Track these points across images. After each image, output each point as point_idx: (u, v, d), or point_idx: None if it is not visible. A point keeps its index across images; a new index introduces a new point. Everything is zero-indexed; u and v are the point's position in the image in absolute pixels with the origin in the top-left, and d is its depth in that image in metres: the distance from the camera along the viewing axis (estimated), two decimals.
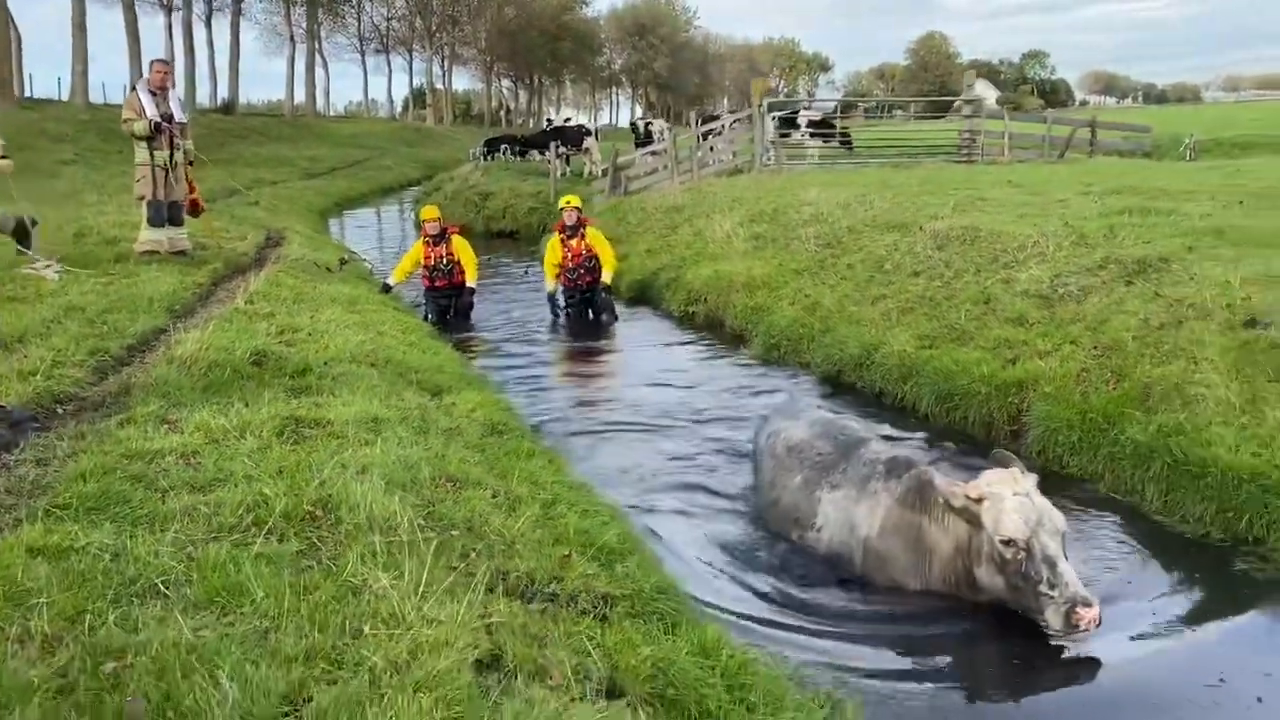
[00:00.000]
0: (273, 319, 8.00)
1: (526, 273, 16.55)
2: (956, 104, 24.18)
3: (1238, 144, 27.30)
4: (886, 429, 6.41)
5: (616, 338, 11.06)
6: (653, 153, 23.64)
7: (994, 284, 8.11)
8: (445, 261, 11.72)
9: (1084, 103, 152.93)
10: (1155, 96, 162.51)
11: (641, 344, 10.69)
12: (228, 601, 3.20)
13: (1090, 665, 4.00)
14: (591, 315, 11.62)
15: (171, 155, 10.38)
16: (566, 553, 4.09)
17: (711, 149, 23.69)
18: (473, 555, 3.78)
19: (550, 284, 11.86)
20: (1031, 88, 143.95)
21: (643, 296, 12.92)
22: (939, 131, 24.90)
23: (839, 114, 29.48)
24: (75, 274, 9.29)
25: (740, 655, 3.63)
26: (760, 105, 21.34)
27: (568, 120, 40.90)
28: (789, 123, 26.81)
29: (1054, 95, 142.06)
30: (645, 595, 3.95)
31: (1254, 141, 27.47)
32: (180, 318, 8.09)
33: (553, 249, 11.75)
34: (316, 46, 65.96)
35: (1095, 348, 6.53)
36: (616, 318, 11.56)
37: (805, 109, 30.20)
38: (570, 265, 11.57)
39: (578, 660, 3.18)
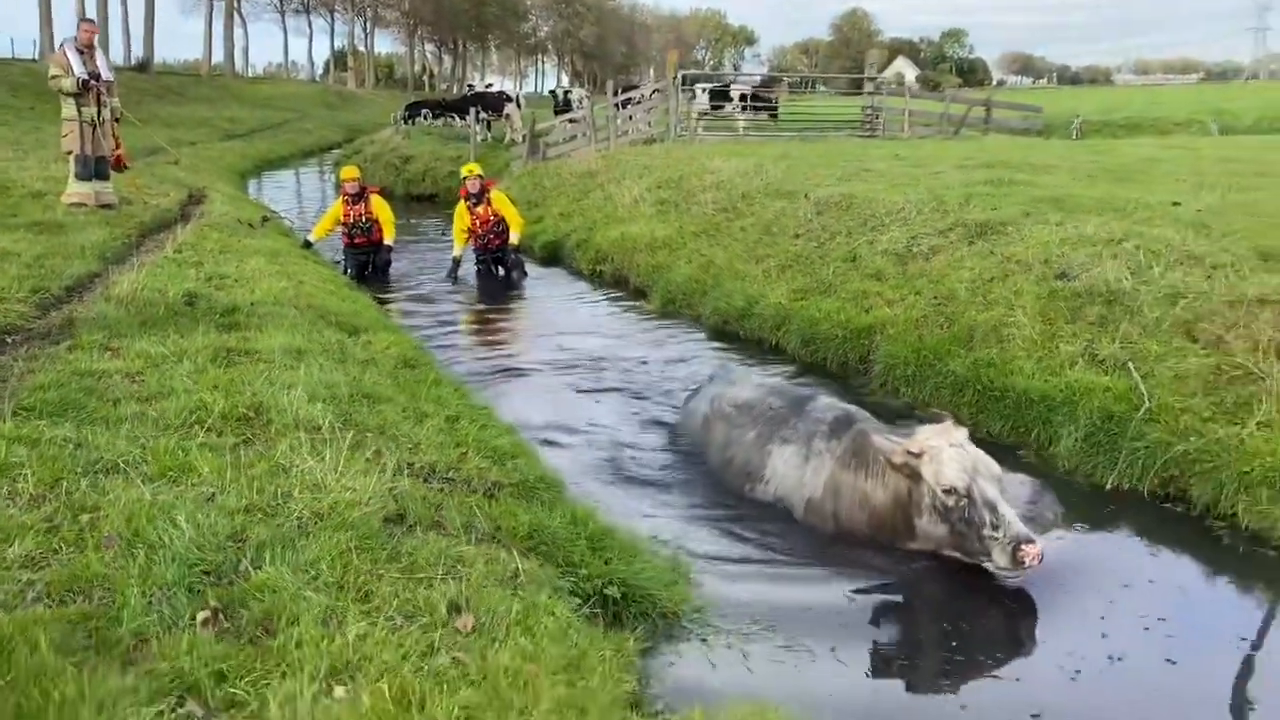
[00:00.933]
0: (201, 267, 8.61)
1: (445, 233, 17.18)
2: (876, 80, 25.16)
3: (1124, 125, 28.92)
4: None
5: (526, 293, 11.83)
6: (571, 120, 24.28)
7: (860, 244, 9.07)
8: (364, 220, 12.29)
9: (1001, 82, 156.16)
10: (1069, 78, 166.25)
11: (549, 299, 11.51)
12: (179, 475, 3.95)
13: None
14: (502, 272, 12.32)
15: (99, 112, 10.80)
16: (464, 451, 4.91)
17: (630, 118, 24.41)
18: (383, 450, 4.56)
19: (458, 248, 12.47)
20: (950, 66, 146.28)
21: (555, 256, 13.71)
22: (846, 107, 25.92)
23: (767, 88, 30.47)
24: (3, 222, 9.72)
25: (604, 524, 4.50)
26: (675, 77, 22.10)
27: (489, 86, 41.16)
28: (722, 95, 27.68)
29: (972, 74, 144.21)
30: (529, 483, 4.79)
31: (1138, 123, 29.13)
32: (112, 264, 8.64)
33: (460, 216, 12.35)
34: (235, 5, 64.81)
35: (935, 298, 7.52)
36: (526, 274, 12.29)
37: (734, 83, 31.08)
38: (480, 231, 12.21)
39: (467, 519, 4.00)
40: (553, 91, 37.17)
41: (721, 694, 3.36)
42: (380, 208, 12.42)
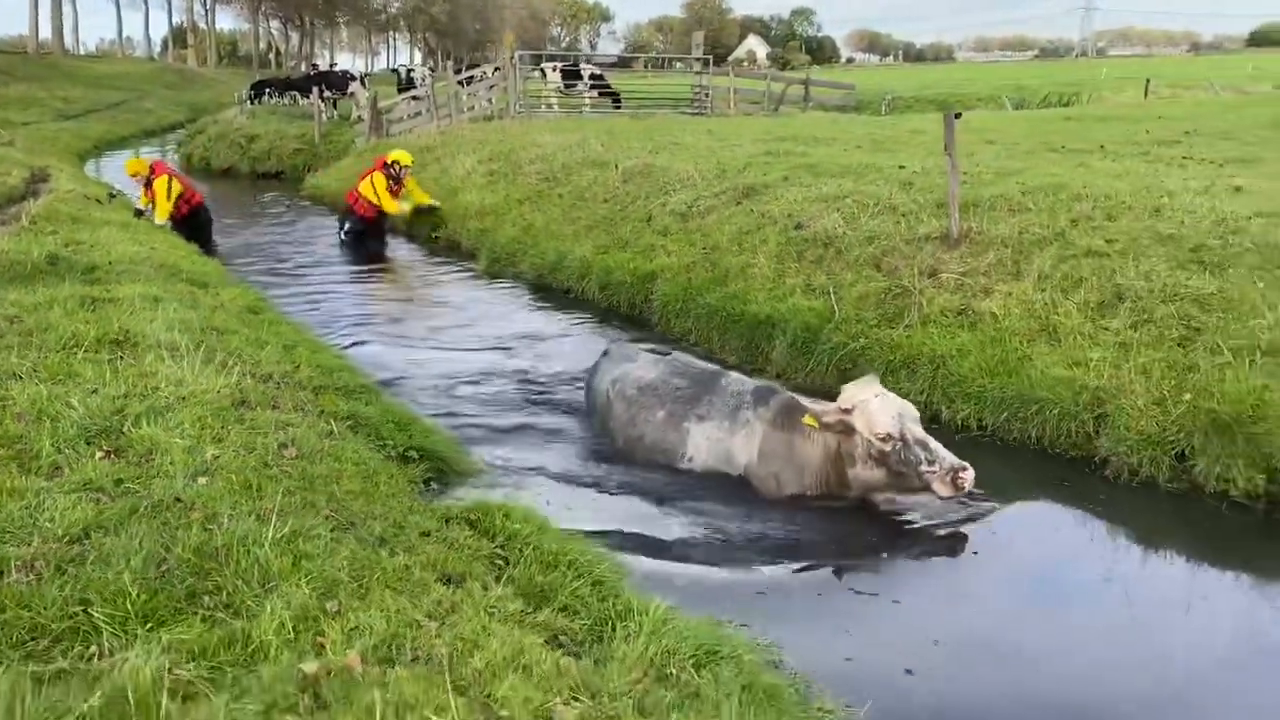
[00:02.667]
0: (57, 235, 9.48)
1: (289, 208, 18.05)
2: (703, 60, 26.80)
3: (932, 100, 31.51)
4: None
5: (365, 260, 13.00)
6: (414, 97, 25.20)
7: (654, 206, 10.59)
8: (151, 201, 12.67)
9: (850, 60, 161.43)
10: (914, 55, 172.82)
11: (387, 263, 12.71)
12: (66, 378, 5.10)
13: None
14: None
15: None
16: (298, 364, 6.17)
17: (472, 95, 25.43)
18: (230, 362, 5.78)
19: (397, 208, 13.58)
20: (800, 44, 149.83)
21: (394, 226, 14.84)
22: (679, 85, 27.54)
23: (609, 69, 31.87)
24: None
25: (410, 414, 5.86)
26: (512, 57, 23.29)
27: (333, 65, 41.33)
28: (573, 74, 28.88)
29: (820, 52, 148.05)
30: (350, 388, 6.09)
31: (945, 99, 31.75)
32: None
33: (380, 184, 13.49)
34: None
35: (704, 248, 9.09)
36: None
37: (585, 63, 32.34)
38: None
39: (297, 404, 5.29)
40: (395, 69, 37.75)
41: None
42: (160, 186, 12.56)
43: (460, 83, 24.99)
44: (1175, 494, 5.03)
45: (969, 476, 4.53)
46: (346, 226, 13.79)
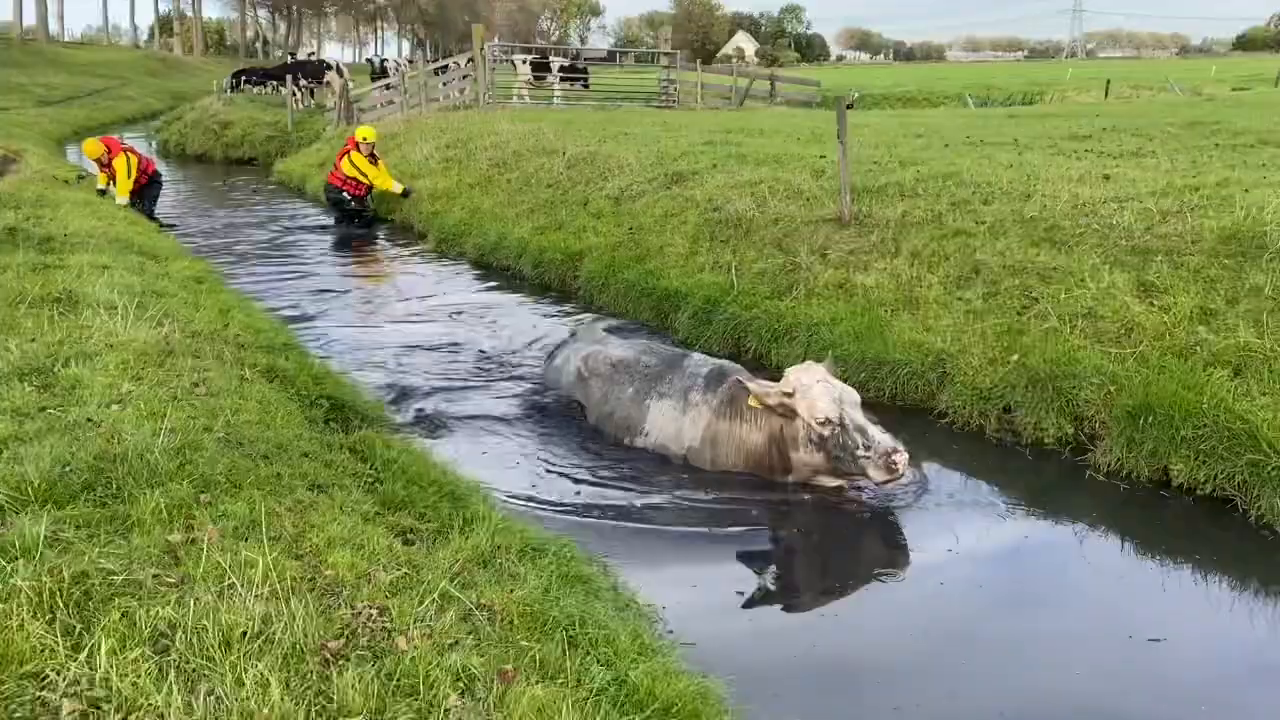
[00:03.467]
0: (19, 210, 10.02)
1: (256, 193, 18.60)
2: (672, 55, 27.38)
3: (900, 98, 32.19)
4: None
5: (322, 240, 13.55)
6: (386, 86, 25.71)
7: (592, 191, 11.19)
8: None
9: (840, 57, 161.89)
10: (904, 54, 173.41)
11: (345, 243, 13.29)
12: (7, 329, 5.66)
13: None
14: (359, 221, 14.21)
15: None
16: (227, 323, 6.73)
17: (443, 85, 25.94)
18: (163, 320, 6.34)
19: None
20: (789, 42, 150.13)
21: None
22: (649, 80, 28.12)
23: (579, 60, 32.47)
24: None
25: (326, 369, 6.43)
26: (481, 49, 23.81)
27: (310, 55, 41.78)
28: (542, 66, 29.44)
29: (810, 49, 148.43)
30: (274, 345, 6.65)
31: (914, 97, 32.45)
32: None
33: (361, 163, 14.05)
34: None
35: (630, 229, 9.68)
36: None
37: (555, 55, 32.90)
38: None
39: (217, 354, 5.85)
40: (369, 59, 38.26)
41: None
42: (119, 165, 12.92)
43: (435, 72, 25.51)
44: (1000, 442, 5.65)
45: (902, 460, 4.64)
46: (346, 207, 14.31)
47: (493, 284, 10.39)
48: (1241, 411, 4.70)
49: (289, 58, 43.58)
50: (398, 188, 14.10)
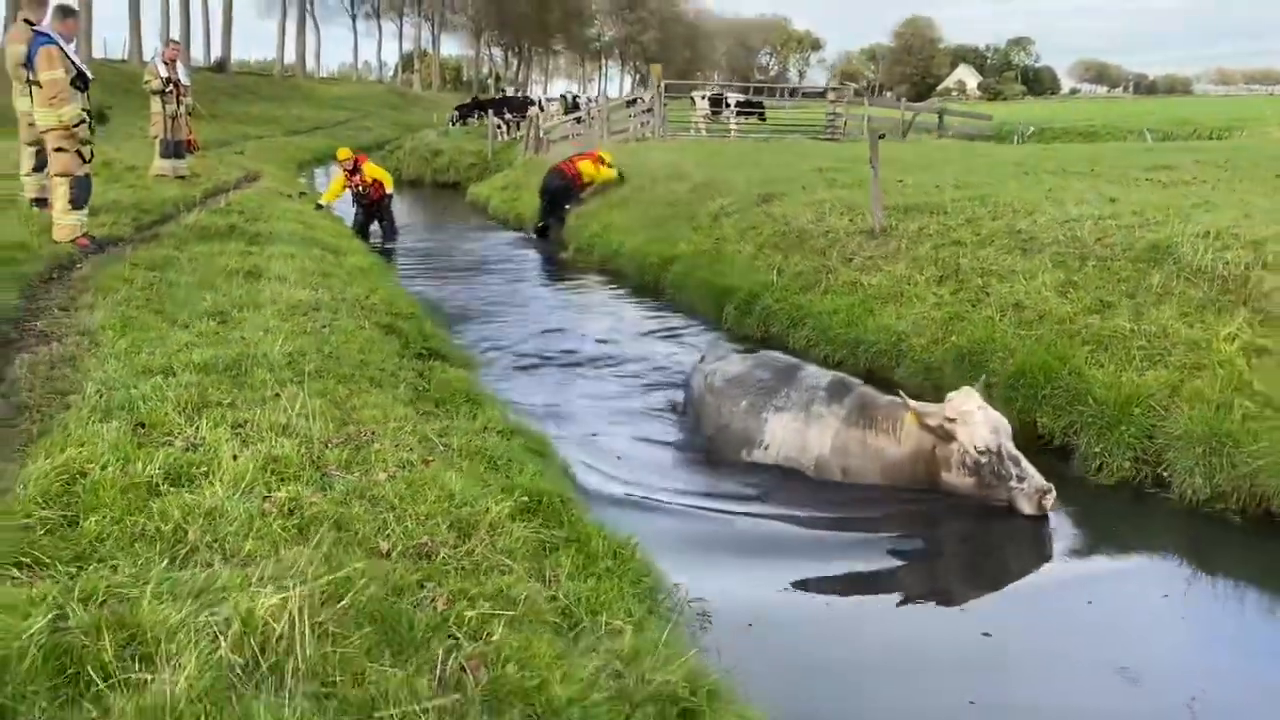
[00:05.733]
0: (242, 214, 12.73)
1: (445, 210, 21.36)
2: (840, 89, 28.78)
3: (1080, 132, 32.14)
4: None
5: (484, 242, 15.89)
6: (577, 119, 28.34)
7: (698, 209, 12.90)
8: (361, 187, 16.17)
9: (1074, 90, 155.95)
10: (1146, 87, 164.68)
11: (501, 248, 15.61)
12: (211, 288, 7.93)
13: None
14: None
15: (178, 107, 15.03)
16: (369, 295, 8.87)
17: (628, 118, 28.34)
18: (319, 288, 8.51)
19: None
20: (1016, 74, 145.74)
21: (519, 222, 17.80)
22: (815, 113, 29.54)
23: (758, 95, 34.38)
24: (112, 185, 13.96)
25: (434, 329, 8.45)
26: (659, 86, 26.01)
27: (517, 92, 45.59)
28: (718, 102, 31.62)
29: (1038, 83, 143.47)
30: (403, 313, 8.71)
31: (1097, 131, 32.28)
32: (184, 210, 12.80)
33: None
34: (309, 8, 69.88)
35: (716, 239, 11.35)
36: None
37: (726, 91, 34.99)
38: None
39: (351, 310, 7.94)
40: (563, 95, 41.48)
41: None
42: (372, 170, 16.14)
43: (627, 104, 27.96)
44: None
45: (1051, 499, 4.92)
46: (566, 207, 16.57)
47: (605, 282, 12.30)
48: (1087, 376, 5.91)
49: (500, 93, 47.64)
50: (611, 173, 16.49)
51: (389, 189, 16.39)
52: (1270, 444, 4.98)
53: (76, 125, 8.73)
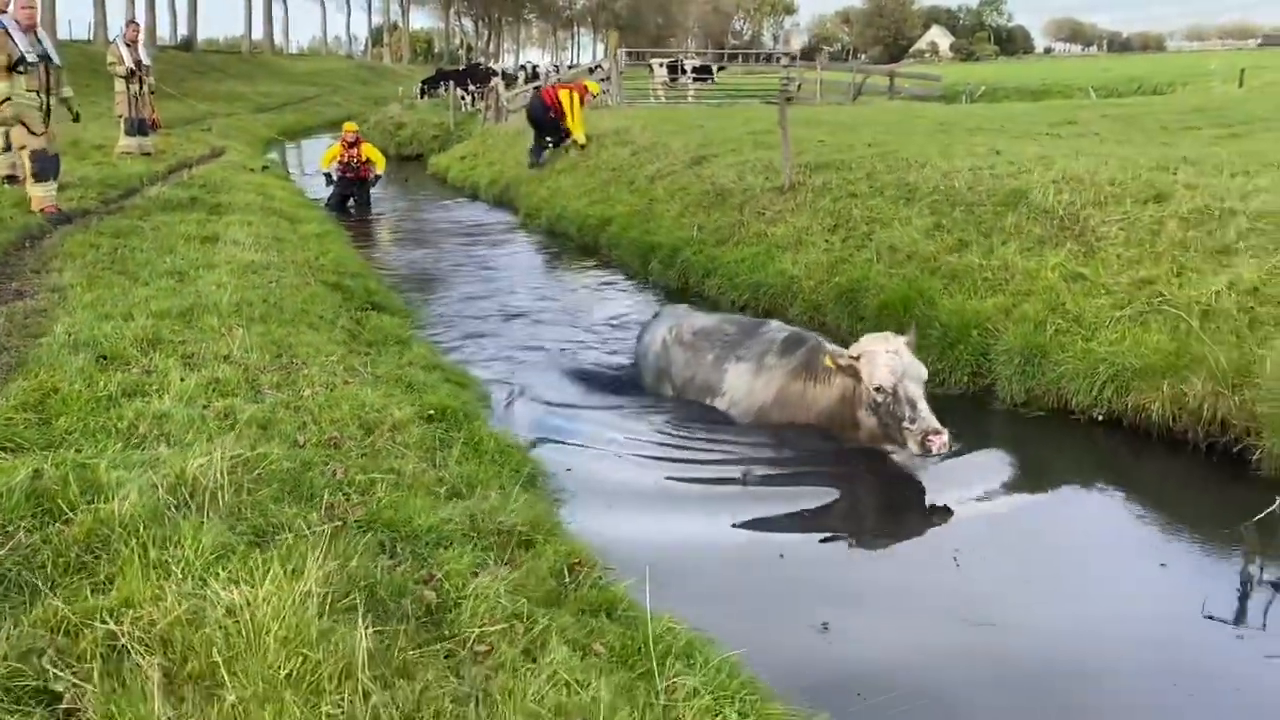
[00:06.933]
0: (204, 187, 13.43)
1: (420, 185, 22.04)
2: (793, 54, 29.51)
3: (1032, 90, 33.00)
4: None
5: (435, 207, 16.65)
6: (536, 88, 28.92)
7: (638, 173, 13.68)
8: (354, 162, 16.88)
9: (1047, 50, 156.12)
10: (1119, 45, 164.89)
11: (459, 212, 16.37)
12: (171, 252, 8.69)
13: None
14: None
15: (141, 87, 15.66)
16: (319, 256, 9.64)
17: None
18: (273, 250, 9.27)
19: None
20: (988, 35, 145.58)
21: (474, 192, 18.55)
22: (770, 78, 30.25)
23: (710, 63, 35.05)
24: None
25: (376, 285, 9.24)
26: (616, 55, 26.66)
27: (478, 64, 46.08)
28: (674, 69, 32.28)
29: (1011, 43, 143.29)
30: (351, 272, 9.49)
31: (1049, 89, 33.15)
32: (148, 183, 13.49)
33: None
34: None
35: (648, 200, 12.15)
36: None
37: (687, 58, 35.61)
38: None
39: (300, 269, 8.71)
40: (523, 65, 42.03)
41: None
42: (371, 151, 17.00)
43: (589, 71, 28.59)
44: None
45: (938, 441, 4.93)
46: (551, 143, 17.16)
47: (548, 243, 13.11)
48: (938, 305, 6.78)
49: (466, 65, 48.07)
50: (580, 139, 16.76)
51: (379, 170, 17.07)
52: (1073, 354, 5.86)
53: (2, 102, 9.42)
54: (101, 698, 2.20)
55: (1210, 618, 3.88)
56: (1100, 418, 5.68)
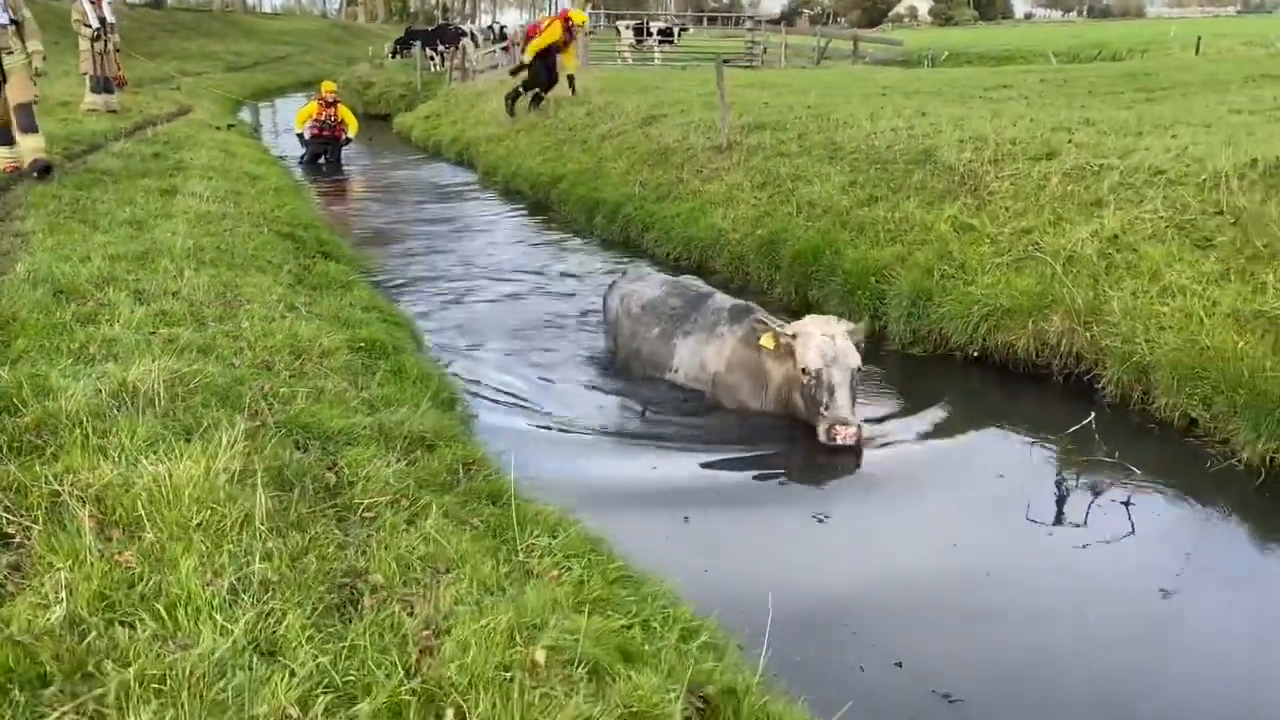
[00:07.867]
0: (167, 144, 13.78)
1: (372, 141, 22.38)
2: (756, 19, 29.81)
3: (993, 56, 33.48)
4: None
5: (403, 164, 17.05)
6: (504, 48, 29.17)
7: (590, 133, 14.12)
8: (330, 120, 17.29)
9: (1029, 15, 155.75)
10: (1100, 11, 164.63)
11: (422, 170, 16.77)
12: (131, 204, 9.12)
13: None
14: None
15: (106, 45, 15.91)
16: (275, 210, 10.08)
17: None
18: (229, 204, 9.70)
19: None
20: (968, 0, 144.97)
21: (437, 150, 18.92)
22: (735, 40, 30.59)
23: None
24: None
25: (341, 246, 9.70)
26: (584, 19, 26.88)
27: (447, 24, 46.06)
28: (642, 31, 32.59)
29: (991, 7, 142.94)
30: (305, 223, 9.94)
31: (1011, 55, 33.63)
32: (112, 141, 13.82)
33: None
34: None
35: (598, 159, 12.60)
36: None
37: (652, 21, 35.90)
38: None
39: (255, 221, 9.16)
40: (491, 26, 42.11)
41: None
42: (346, 113, 17.51)
43: None
44: (744, 287, 8.37)
45: (843, 433, 5.02)
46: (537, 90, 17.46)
47: (501, 199, 13.57)
48: (844, 254, 7.33)
49: (436, 25, 48.01)
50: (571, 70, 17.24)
51: (351, 133, 17.52)
52: (954, 298, 6.43)
53: None
54: (44, 536, 2.74)
55: (1032, 520, 4.48)
56: (975, 354, 6.26)
